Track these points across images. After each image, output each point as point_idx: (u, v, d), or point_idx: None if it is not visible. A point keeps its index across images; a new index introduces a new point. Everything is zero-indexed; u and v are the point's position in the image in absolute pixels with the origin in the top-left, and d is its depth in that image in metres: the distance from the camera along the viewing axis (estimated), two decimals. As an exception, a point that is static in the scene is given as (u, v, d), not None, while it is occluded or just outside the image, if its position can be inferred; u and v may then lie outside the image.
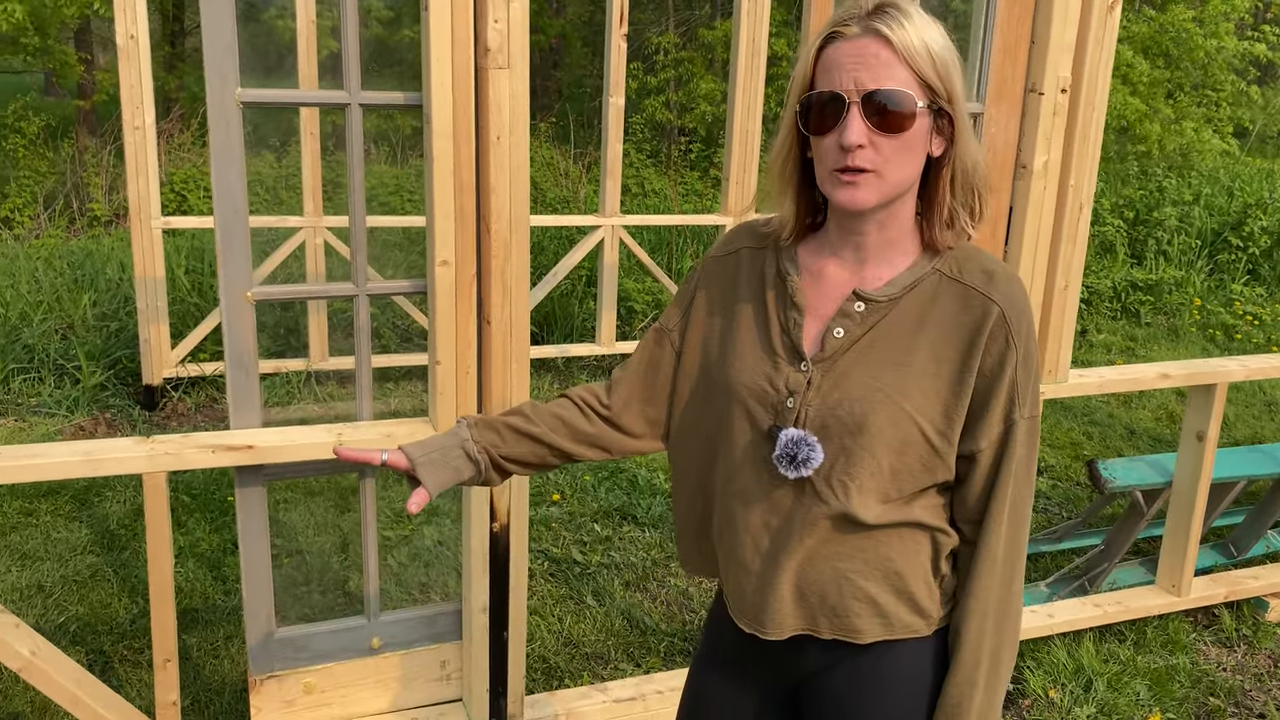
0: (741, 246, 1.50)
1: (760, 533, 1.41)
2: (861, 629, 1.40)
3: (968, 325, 1.33)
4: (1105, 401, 5.64)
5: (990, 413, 1.33)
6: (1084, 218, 2.78)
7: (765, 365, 1.39)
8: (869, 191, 1.30)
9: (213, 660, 3.04)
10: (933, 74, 1.29)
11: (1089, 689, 2.96)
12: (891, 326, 1.35)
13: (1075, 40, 2.63)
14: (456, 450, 1.52)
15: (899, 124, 1.27)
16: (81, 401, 5.01)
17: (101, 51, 14.64)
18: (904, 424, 1.33)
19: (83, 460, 2.11)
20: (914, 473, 1.36)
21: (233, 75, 2.09)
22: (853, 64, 1.27)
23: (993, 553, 1.37)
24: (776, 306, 1.41)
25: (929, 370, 1.33)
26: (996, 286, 1.33)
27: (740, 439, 1.41)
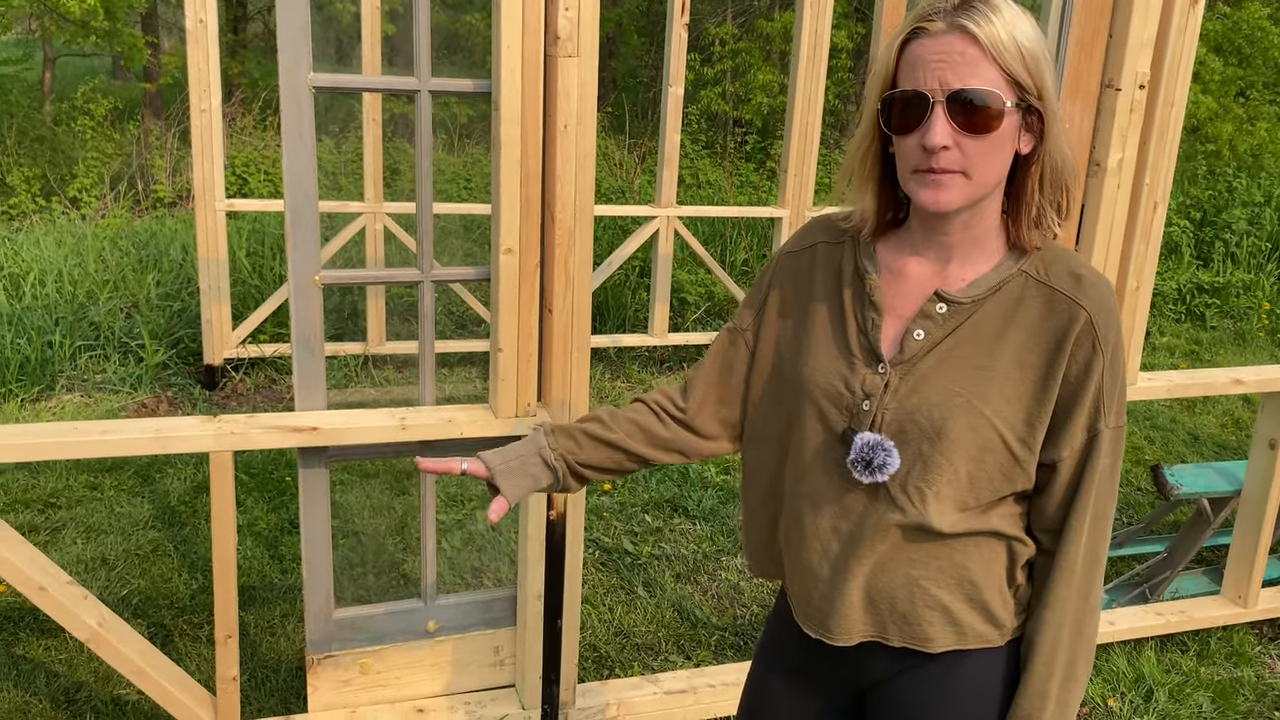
0: (818, 241, 1.46)
1: (829, 537, 1.39)
2: (933, 637, 1.37)
3: (1054, 330, 1.28)
4: (1169, 406, 5.51)
5: (1074, 421, 1.29)
6: (1158, 217, 2.71)
7: (840, 365, 1.36)
8: (954, 193, 1.26)
9: (269, 638, 3.08)
10: (1022, 70, 1.24)
11: (1149, 699, 2.90)
12: (974, 329, 1.31)
13: (1156, 35, 2.56)
14: (534, 458, 1.52)
15: (985, 124, 1.23)
16: (145, 379, 5.11)
17: (167, 36, 14.91)
18: (984, 430, 1.29)
19: (152, 438, 2.15)
20: (993, 481, 1.32)
21: (305, 59, 2.11)
22: (937, 62, 1.23)
23: (1071, 563, 1.33)
24: (854, 305, 1.38)
25: (1012, 376, 1.29)
26: (1085, 291, 1.29)
27: (812, 440, 1.39)
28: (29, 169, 8.94)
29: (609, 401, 5.28)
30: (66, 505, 3.81)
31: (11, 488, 3.90)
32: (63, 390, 4.99)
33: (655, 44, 12.94)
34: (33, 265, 6.00)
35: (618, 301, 6.49)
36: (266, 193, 8.68)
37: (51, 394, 4.94)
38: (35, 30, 12.47)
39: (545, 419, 2.36)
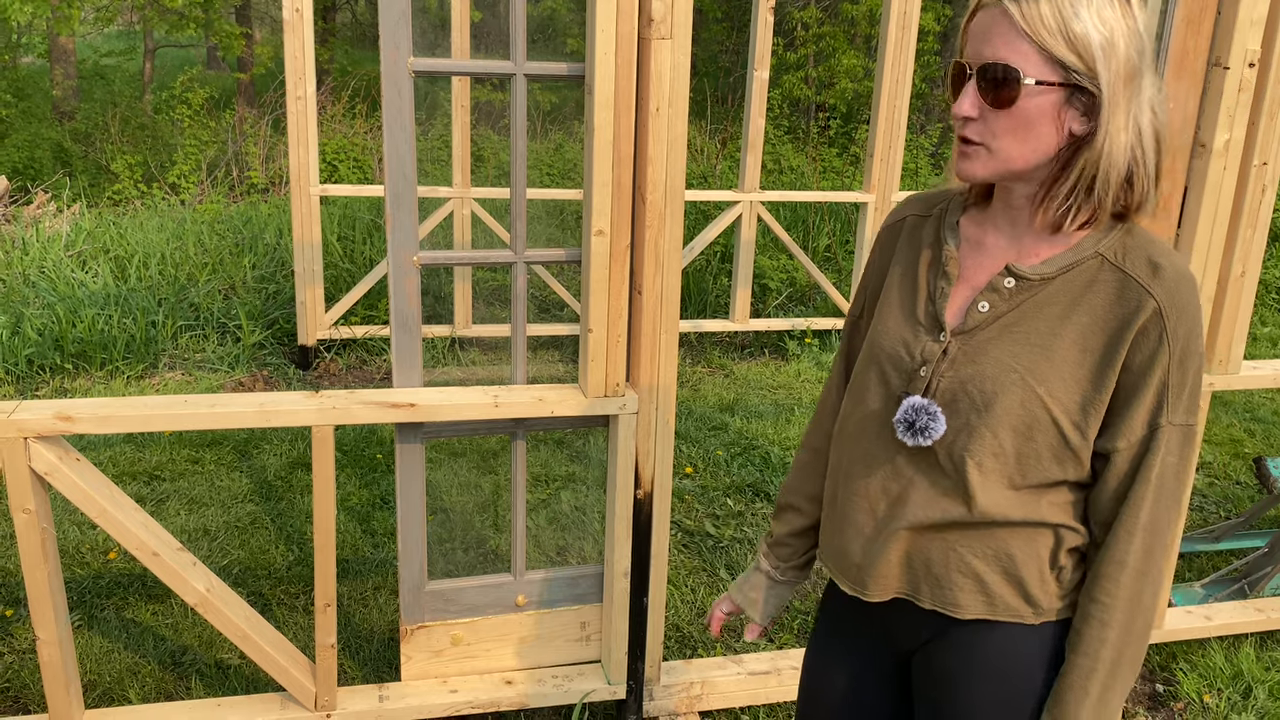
0: (908, 214, 1.49)
1: (878, 497, 1.41)
2: (962, 603, 1.38)
3: (1119, 316, 1.27)
4: (1270, 398, 5.32)
5: (1133, 412, 1.27)
6: (1267, 200, 2.62)
7: (905, 331, 1.39)
8: (977, 164, 1.29)
9: (362, 609, 3.18)
10: (1067, 50, 1.21)
11: (1248, 696, 2.83)
12: (1039, 307, 1.30)
13: (1268, 12, 2.47)
14: (764, 582, 1.68)
15: (1005, 99, 1.24)
16: (242, 359, 5.28)
17: (259, 26, 15.32)
18: (1034, 408, 1.28)
19: (257, 411, 2.23)
20: (1042, 461, 1.30)
21: (406, 44, 2.16)
22: (980, 36, 1.26)
23: (1122, 560, 1.30)
24: (928, 274, 1.40)
25: (1071, 357, 1.28)
26: (1161, 281, 1.26)
27: (872, 402, 1.42)
28: (131, 156, 9.29)
29: (689, 387, 5.30)
30: (170, 478, 3.98)
31: (119, 460, 4.08)
32: (165, 369, 5.19)
33: (736, 29, 12.86)
34: (137, 248, 6.24)
35: (699, 286, 6.49)
36: (356, 179, 8.87)
37: (155, 372, 5.14)
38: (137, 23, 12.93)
39: (634, 403, 2.39)
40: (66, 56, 11.66)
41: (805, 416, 4.85)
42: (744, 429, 4.68)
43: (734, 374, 5.53)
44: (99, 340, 5.10)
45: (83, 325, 5.12)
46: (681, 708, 2.64)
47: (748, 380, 5.43)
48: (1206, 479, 4.35)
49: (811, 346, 5.91)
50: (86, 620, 3.05)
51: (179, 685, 2.80)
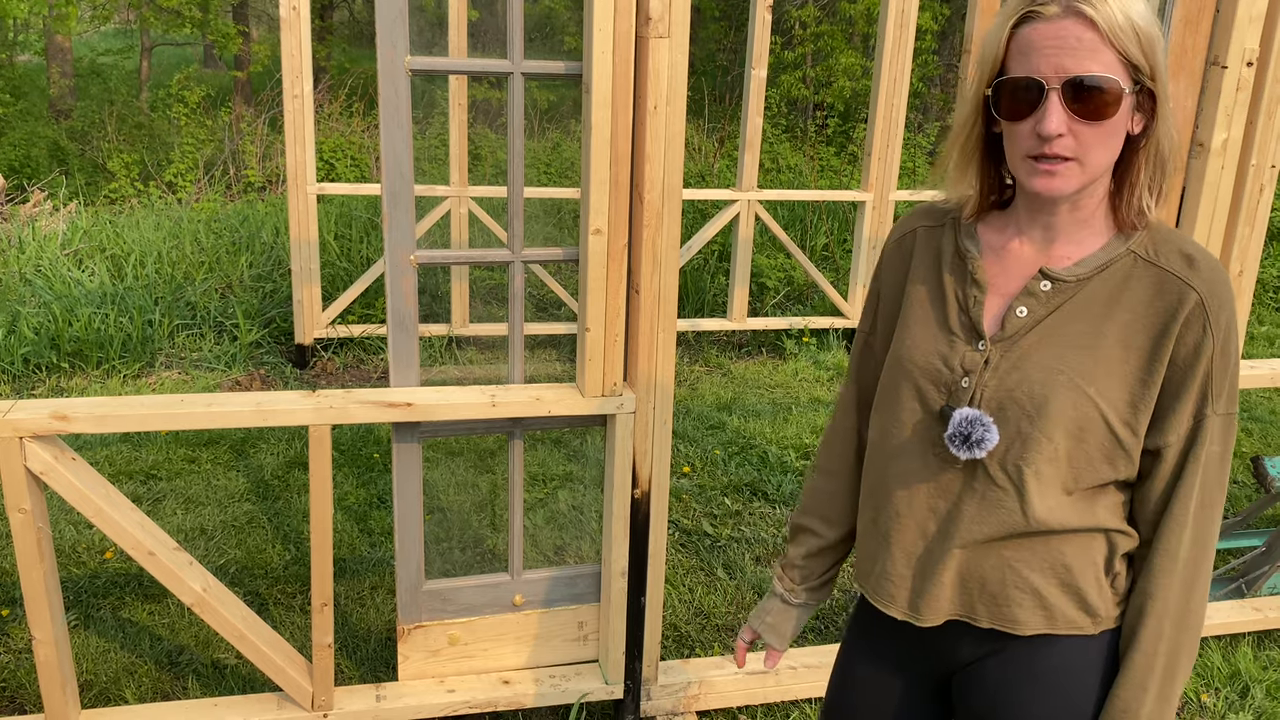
0: (917, 226, 1.46)
1: (926, 516, 1.37)
2: (1022, 620, 1.35)
3: (1162, 311, 1.26)
4: (1267, 397, 5.33)
5: (1181, 405, 1.27)
6: (1265, 200, 2.62)
7: (939, 343, 1.35)
8: (1068, 180, 1.25)
9: (359, 609, 3.18)
10: (1138, 52, 1.21)
11: (1245, 695, 2.82)
12: (1078, 308, 1.29)
13: (1266, 11, 2.47)
14: (780, 607, 1.65)
15: (1102, 111, 1.21)
16: (239, 358, 5.28)
17: (256, 25, 15.29)
18: (1085, 408, 1.26)
19: (254, 410, 2.23)
20: (1094, 462, 1.29)
21: (403, 43, 2.15)
22: (1053, 48, 1.21)
23: (1174, 553, 1.30)
24: (954, 284, 1.37)
25: (1116, 355, 1.27)
26: (1198, 272, 1.26)
27: (909, 419, 1.38)
28: (128, 155, 9.27)
29: (687, 386, 5.30)
30: (166, 477, 3.97)
31: (116, 460, 4.07)
32: (161, 367, 5.18)
33: (734, 27, 12.86)
34: (133, 247, 6.23)
35: (697, 285, 6.49)
36: (353, 177, 8.86)
37: (151, 370, 5.14)
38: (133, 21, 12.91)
39: (631, 402, 2.39)
40: (63, 55, 11.65)
41: (803, 416, 4.85)
42: (741, 428, 4.68)
43: (731, 373, 5.53)
44: (95, 339, 5.09)
45: (79, 324, 5.11)
46: (679, 707, 2.63)
47: (745, 379, 5.43)
48: (1204, 478, 4.35)
49: (809, 345, 5.91)
50: (83, 620, 3.04)
51: (175, 685, 2.79)
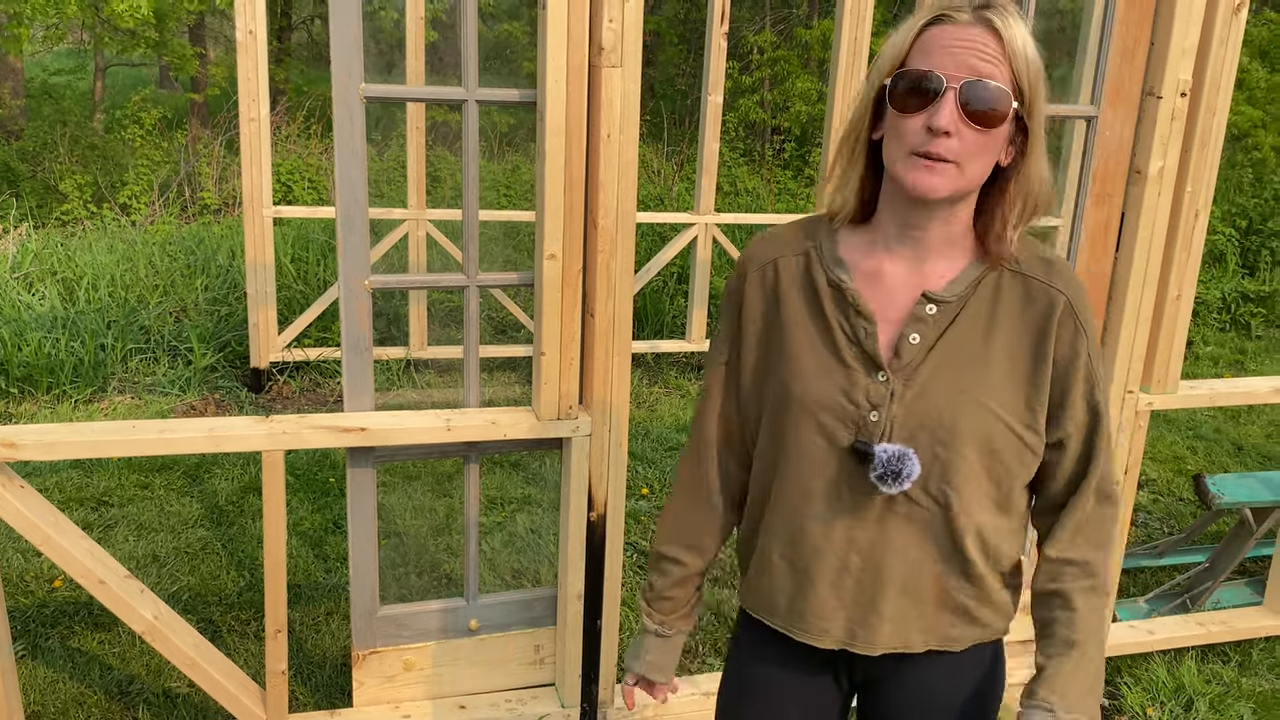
0: (775, 256, 1.41)
1: (846, 549, 1.37)
2: (955, 636, 1.40)
3: (1036, 317, 1.32)
4: (1212, 415, 5.46)
5: (1072, 398, 1.34)
6: (1200, 226, 2.71)
7: (838, 378, 1.34)
8: (945, 180, 1.25)
9: (314, 635, 3.15)
10: (1026, 81, 1.26)
11: (1189, 709, 2.89)
12: (964, 326, 1.33)
13: (1198, 43, 2.56)
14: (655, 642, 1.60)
15: (992, 119, 1.24)
16: (193, 382, 5.22)
17: (213, 46, 15.20)
18: (991, 422, 1.31)
19: (207, 436, 2.22)
20: (1010, 469, 1.35)
21: (358, 70, 2.17)
22: (960, 48, 1.23)
23: (1089, 517, 1.38)
24: (838, 316, 1.35)
25: (1005, 367, 1.32)
26: (1059, 275, 1.33)
27: (815, 455, 1.36)
28: (81, 176, 9.16)
29: (646, 407, 5.32)
30: (119, 503, 3.92)
31: (66, 486, 4.01)
32: (114, 392, 5.11)
33: (693, 52, 13.00)
34: (85, 270, 6.15)
35: (656, 308, 6.53)
36: (310, 200, 8.82)
37: (104, 395, 5.07)
38: (87, 41, 12.78)
39: (587, 425, 2.41)
40: (14, 74, 11.49)
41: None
42: (699, 449, 4.70)
43: (690, 394, 5.56)
44: (45, 364, 5.02)
45: (29, 349, 5.04)
46: (636, 729, 2.65)
47: (703, 401, 5.45)
48: (1150, 495, 4.45)
49: (767, 367, 5.95)
50: (30, 650, 2.99)
51: (126, 715, 2.75)
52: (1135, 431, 2.80)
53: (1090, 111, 2.61)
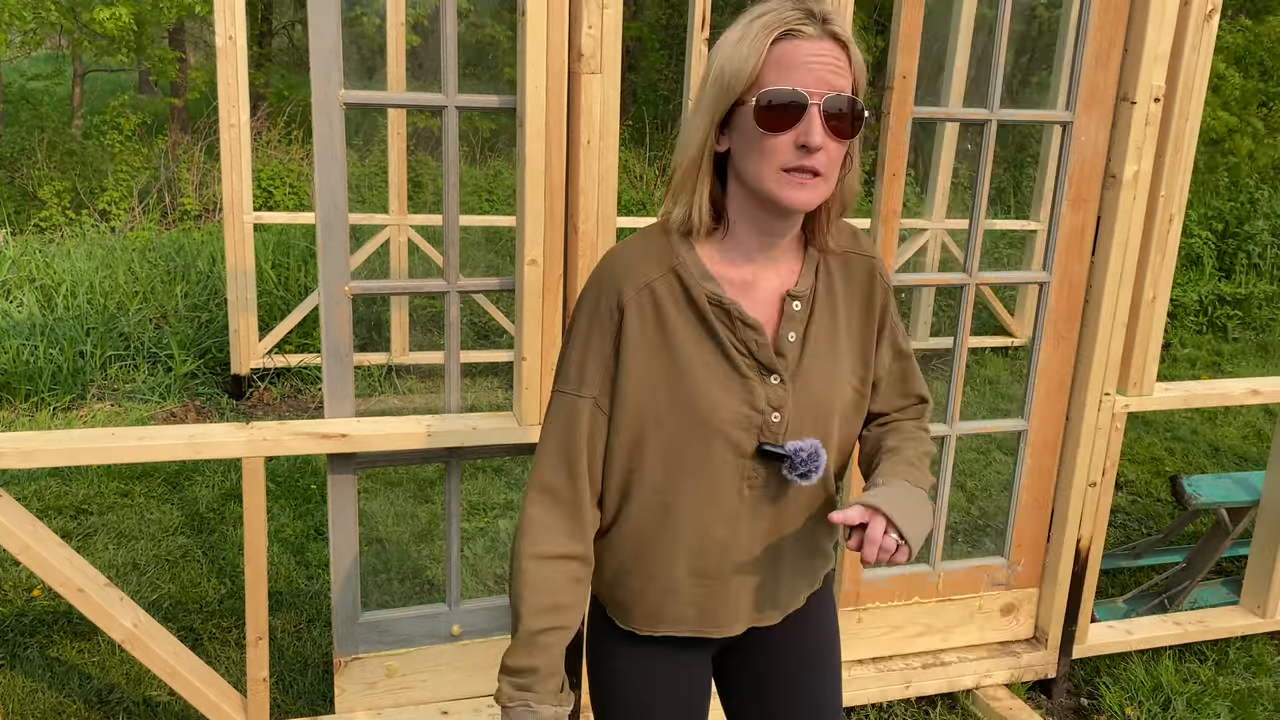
0: (647, 281, 1.36)
1: (752, 543, 1.43)
2: (820, 577, 1.57)
3: (861, 285, 1.47)
4: (1189, 417, 5.51)
5: (885, 343, 1.52)
6: (1174, 229, 2.74)
7: (740, 391, 1.36)
8: (817, 194, 1.30)
9: (296, 642, 3.14)
10: (861, 89, 1.33)
11: (1167, 708, 2.91)
12: (819, 314, 1.42)
13: (1170, 48, 2.59)
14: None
15: (850, 129, 1.29)
16: (173, 389, 5.20)
17: (194, 51, 15.13)
18: (849, 393, 1.45)
19: (187, 443, 2.21)
20: (855, 426, 1.51)
21: (337, 76, 2.17)
22: (817, 64, 1.26)
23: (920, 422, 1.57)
24: (725, 331, 1.36)
25: (851, 340, 1.46)
26: (861, 241, 1.48)
27: (721, 468, 1.37)
28: (59, 182, 9.09)
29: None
30: (98, 511, 3.89)
31: (45, 494, 3.98)
32: (93, 399, 5.08)
33: (675, 57, 13.02)
34: (64, 277, 6.12)
35: (638, 313, 6.54)
36: (291, 205, 8.79)
37: (83, 403, 5.04)
38: (65, 46, 12.69)
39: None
40: (-8, 80, 11.41)
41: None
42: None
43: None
44: (24, 371, 4.99)
45: (6, 356, 5.00)
46: (618, 734, 2.65)
47: (686, 405, 5.46)
48: (1129, 496, 4.49)
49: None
50: (9, 659, 2.97)
51: (105, 724, 2.74)
52: (1112, 433, 2.83)
53: (1066, 117, 2.64)
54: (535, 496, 1.39)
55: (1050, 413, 2.83)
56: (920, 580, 2.86)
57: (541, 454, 1.40)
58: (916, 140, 9.40)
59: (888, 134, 2.53)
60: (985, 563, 2.92)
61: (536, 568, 1.37)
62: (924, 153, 9.48)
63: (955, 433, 2.81)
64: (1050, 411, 2.83)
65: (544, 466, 1.39)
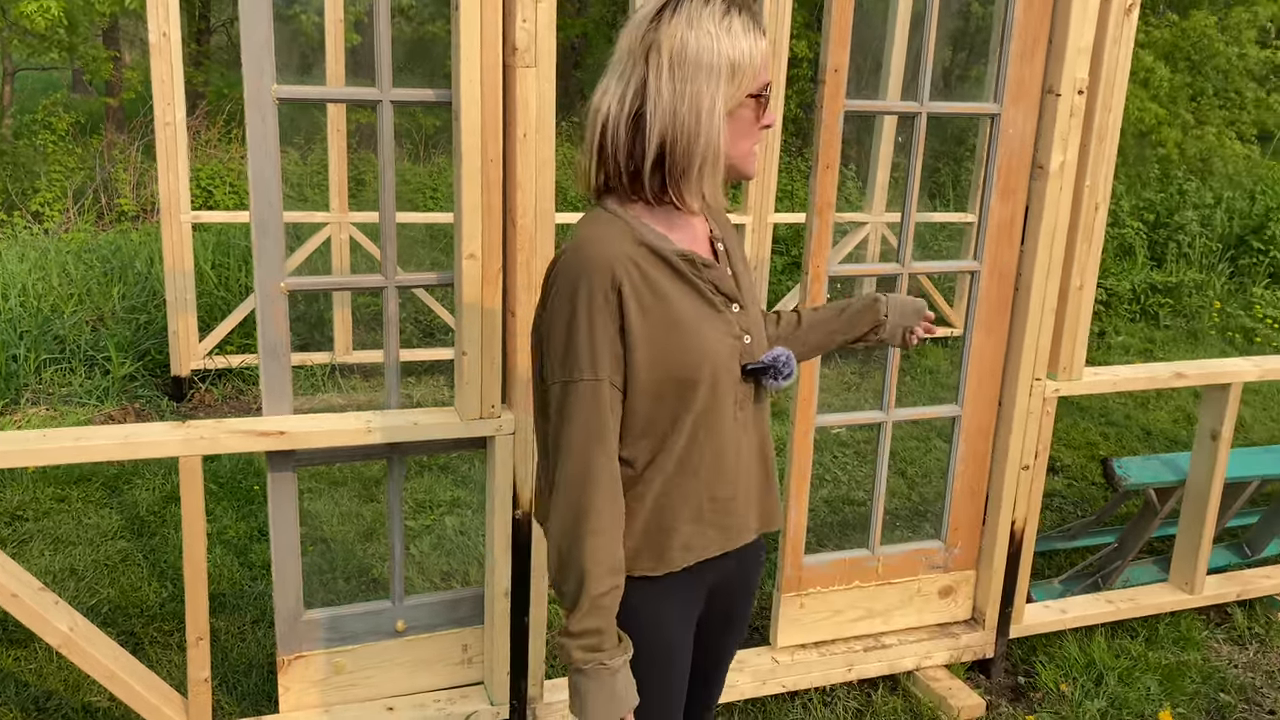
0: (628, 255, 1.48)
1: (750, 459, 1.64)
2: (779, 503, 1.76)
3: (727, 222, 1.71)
4: (1122, 402, 5.65)
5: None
6: (1100, 218, 2.82)
7: (721, 325, 1.56)
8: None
9: (240, 643, 3.11)
10: None
11: (1100, 683, 3.00)
12: (730, 249, 1.66)
13: (1093, 42, 2.66)
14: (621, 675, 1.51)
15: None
16: (111, 392, 5.10)
17: (129, 49, 14.83)
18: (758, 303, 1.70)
19: (121, 444, 2.19)
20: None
21: (269, 71, 2.16)
22: (764, 59, 1.52)
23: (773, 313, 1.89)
24: (696, 277, 1.54)
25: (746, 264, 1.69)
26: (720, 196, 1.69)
27: (724, 398, 1.56)
28: (-11, 184, 8.87)
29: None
30: (33, 518, 3.82)
31: (-23, 501, 3.90)
32: (28, 404, 4.97)
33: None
34: (-5, 280, 5.97)
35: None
36: (232, 205, 8.66)
37: (16, 408, 4.93)
38: (-6, 44, 12.36)
39: (510, 424, 2.42)
40: (-83, 79, 11.09)
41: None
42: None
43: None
44: (-46, 376, 4.87)
45: (-64, 361, 4.88)
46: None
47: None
48: (1065, 481, 4.60)
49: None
50: (-59, 669, 2.91)
51: (43, 731, 2.69)
52: (1044, 418, 2.90)
53: (993, 110, 2.70)
54: (580, 480, 1.48)
55: (983, 398, 2.90)
56: (860, 565, 2.91)
57: (574, 441, 1.48)
58: (858, 135, 9.52)
59: (821, 127, 2.57)
60: (923, 546, 2.98)
61: (595, 540, 1.47)
62: (864, 147, 9.59)
63: (891, 419, 2.87)
64: (983, 397, 2.90)
65: (582, 453, 1.47)
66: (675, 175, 1.48)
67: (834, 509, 4.18)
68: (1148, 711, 2.91)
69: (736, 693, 2.78)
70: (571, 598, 1.48)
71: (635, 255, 1.48)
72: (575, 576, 1.47)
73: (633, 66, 1.47)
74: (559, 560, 1.49)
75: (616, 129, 1.47)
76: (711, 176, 1.49)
